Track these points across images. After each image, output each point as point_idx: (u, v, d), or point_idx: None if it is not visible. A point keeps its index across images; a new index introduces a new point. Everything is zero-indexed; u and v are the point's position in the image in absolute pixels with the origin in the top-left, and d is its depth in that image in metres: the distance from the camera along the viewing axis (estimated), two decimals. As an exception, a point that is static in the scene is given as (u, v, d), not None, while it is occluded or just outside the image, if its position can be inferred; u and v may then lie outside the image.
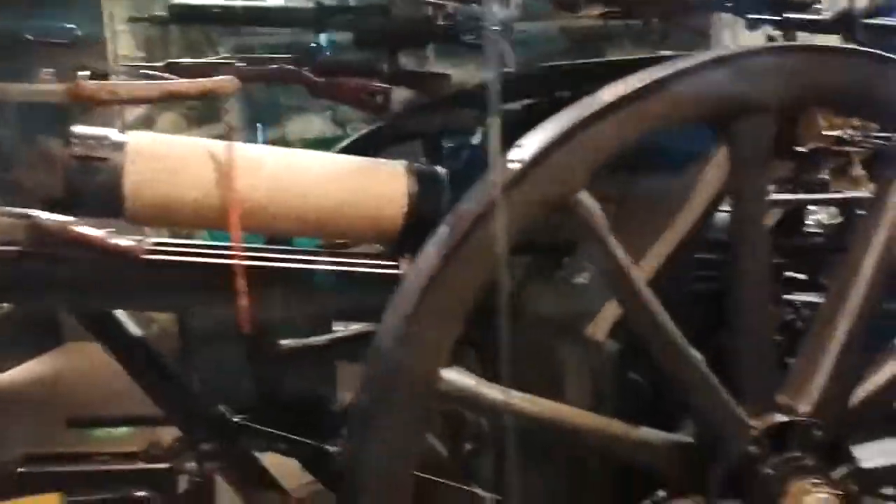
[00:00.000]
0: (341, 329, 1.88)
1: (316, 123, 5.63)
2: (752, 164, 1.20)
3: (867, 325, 1.27)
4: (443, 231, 1.09)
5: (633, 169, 1.43)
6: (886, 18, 1.66)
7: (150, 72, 1.87)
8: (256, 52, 2.29)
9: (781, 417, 1.23)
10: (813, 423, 1.24)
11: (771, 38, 1.69)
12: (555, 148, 1.09)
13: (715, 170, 1.24)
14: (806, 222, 1.80)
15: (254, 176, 1.43)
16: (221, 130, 1.39)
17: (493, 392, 1.12)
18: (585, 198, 1.12)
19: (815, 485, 1.21)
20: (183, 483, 1.78)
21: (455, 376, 1.09)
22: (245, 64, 2.16)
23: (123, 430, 2.40)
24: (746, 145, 1.19)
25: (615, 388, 1.35)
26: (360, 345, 1.76)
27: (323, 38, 2.18)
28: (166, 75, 1.83)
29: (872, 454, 1.33)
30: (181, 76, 1.89)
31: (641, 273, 1.17)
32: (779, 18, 1.62)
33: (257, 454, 1.96)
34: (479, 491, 1.52)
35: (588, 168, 1.11)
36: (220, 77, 1.37)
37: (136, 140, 1.37)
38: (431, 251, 1.07)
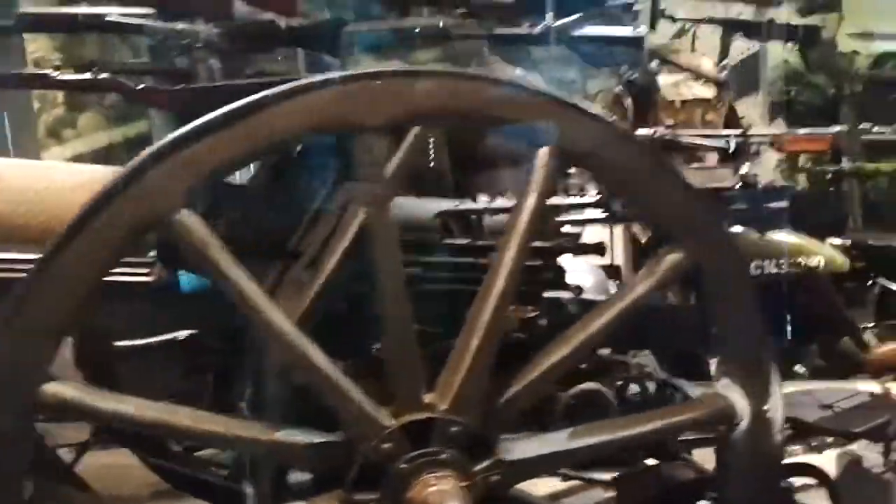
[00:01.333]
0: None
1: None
2: (367, 177, 1.26)
3: (502, 329, 1.34)
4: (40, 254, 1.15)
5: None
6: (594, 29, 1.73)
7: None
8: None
9: (418, 415, 1.30)
10: (451, 420, 1.31)
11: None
12: (146, 169, 1.15)
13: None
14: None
15: None
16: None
17: (102, 401, 1.18)
18: (185, 217, 1.18)
19: (438, 478, 1.27)
20: None
21: (57, 389, 1.16)
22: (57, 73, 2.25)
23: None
24: (359, 160, 1.25)
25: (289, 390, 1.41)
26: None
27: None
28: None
29: (531, 446, 1.40)
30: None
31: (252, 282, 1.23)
32: (489, 34, 1.69)
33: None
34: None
35: (185, 188, 1.17)
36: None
37: None
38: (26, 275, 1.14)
